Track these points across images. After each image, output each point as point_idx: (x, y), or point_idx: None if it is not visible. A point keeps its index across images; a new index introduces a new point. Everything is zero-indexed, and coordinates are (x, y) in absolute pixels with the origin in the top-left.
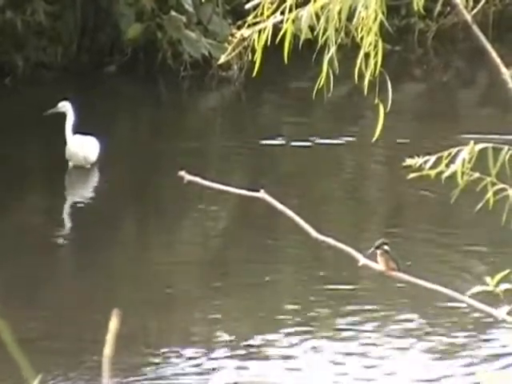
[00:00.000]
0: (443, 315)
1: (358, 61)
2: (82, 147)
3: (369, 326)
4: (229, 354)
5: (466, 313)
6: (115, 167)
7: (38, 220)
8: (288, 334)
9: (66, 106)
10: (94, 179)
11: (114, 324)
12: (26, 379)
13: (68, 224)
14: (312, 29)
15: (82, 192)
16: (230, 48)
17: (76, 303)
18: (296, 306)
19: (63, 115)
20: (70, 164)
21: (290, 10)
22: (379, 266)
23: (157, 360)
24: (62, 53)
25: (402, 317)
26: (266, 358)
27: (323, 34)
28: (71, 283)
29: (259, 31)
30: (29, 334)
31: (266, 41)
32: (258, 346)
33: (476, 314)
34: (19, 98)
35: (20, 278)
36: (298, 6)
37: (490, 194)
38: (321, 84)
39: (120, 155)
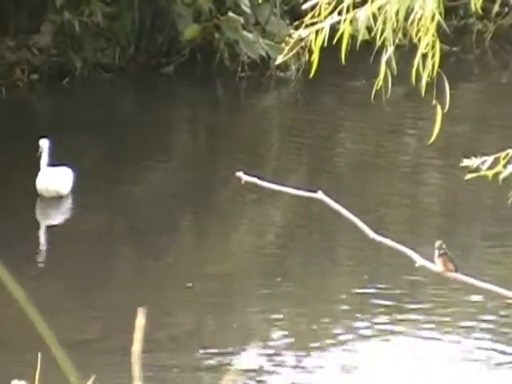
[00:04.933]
0: (503, 322)
1: (416, 61)
2: (53, 180)
3: (428, 333)
4: (286, 355)
5: None
6: (172, 166)
7: (92, 222)
8: (345, 335)
9: (43, 145)
10: (151, 181)
11: (140, 321)
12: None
13: (122, 232)
14: (369, 29)
15: (142, 189)
16: (287, 48)
17: (130, 305)
18: (353, 308)
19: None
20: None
21: (348, 11)
22: (437, 266)
23: (213, 361)
24: (119, 54)
25: (459, 321)
26: (323, 358)
27: (381, 34)
28: (124, 287)
29: (316, 32)
30: (85, 335)
31: (323, 41)
32: (315, 347)
33: None
34: (77, 100)
35: (74, 283)
36: (356, 6)
37: None
38: (379, 85)
39: (179, 153)
